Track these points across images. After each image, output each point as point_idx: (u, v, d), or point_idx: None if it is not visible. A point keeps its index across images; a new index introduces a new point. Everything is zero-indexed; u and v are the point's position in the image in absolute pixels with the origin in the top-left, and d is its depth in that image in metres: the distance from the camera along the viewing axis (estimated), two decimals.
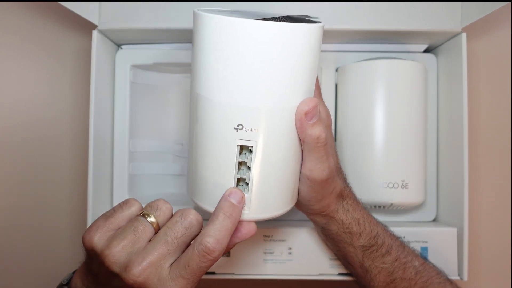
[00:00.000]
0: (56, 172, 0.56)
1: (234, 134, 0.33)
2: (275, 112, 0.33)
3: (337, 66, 0.53)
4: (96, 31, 0.47)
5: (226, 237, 0.32)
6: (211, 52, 0.33)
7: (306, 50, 0.33)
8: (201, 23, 0.33)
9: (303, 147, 0.36)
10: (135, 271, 0.31)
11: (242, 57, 0.32)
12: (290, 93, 0.33)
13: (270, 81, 0.32)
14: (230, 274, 0.47)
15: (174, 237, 0.32)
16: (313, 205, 0.39)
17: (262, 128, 0.33)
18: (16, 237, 0.55)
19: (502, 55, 0.58)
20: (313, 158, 0.36)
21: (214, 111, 0.34)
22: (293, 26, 0.32)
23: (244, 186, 0.35)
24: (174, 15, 0.46)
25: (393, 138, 0.48)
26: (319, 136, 0.35)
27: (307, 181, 0.37)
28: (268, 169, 0.35)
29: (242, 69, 0.32)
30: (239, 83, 0.32)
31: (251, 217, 0.36)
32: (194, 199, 0.38)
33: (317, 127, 0.34)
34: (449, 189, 0.51)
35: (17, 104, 0.55)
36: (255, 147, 0.34)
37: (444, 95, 0.52)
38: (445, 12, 0.47)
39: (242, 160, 0.34)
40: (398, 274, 0.42)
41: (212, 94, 0.33)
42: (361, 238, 0.41)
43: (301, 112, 0.34)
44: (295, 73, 0.33)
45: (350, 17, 0.47)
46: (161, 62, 0.51)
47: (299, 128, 0.34)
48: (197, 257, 0.32)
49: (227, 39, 0.31)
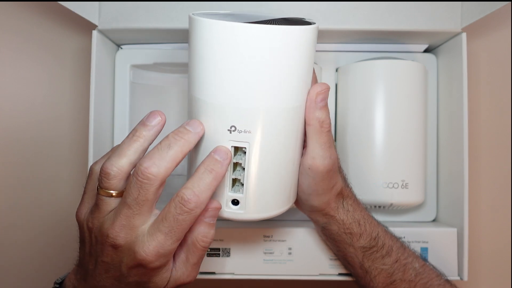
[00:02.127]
0: (56, 172, 0.56)
1: (227, 136, 0.34)
2: (268, 113, 0.33)
3: (337, 66, 0.53)
4: (96, 31, 0.47)
5: (205, 191, 0.32)
6: (204, 55, 0.33)
7: (299, 52, 0.33)
8: (195, 27, 0.33)
9: (307, 132, 0.36)
10: (110, 234, 0.32)
11: (235, 60, 0.32)
12: (283, 94, 0.34)
13: (263, 83, 0.32)
14: (230, 274, 0.47)
15: (132, 199, 0.32)
16: (313, 200, 0.39)
17: (255, 129, 0.33)
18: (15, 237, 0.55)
19: (502, 55, 0.58)
20: (316, 144, 0.36)
21: (208, 112, 0.34)
22: (285, 29, 0.32)
23: (239, 186, 0.36)
24: (174, 15, 0.47)
25: (393, 138, 0.48)
26: (324, 120, 0.36)
27: (308, 171, 0.37)
28: (263, 170, 0.35)
29: (234, 72, 0.32)
30: (232, 85, 0.33)
31: (246, 217, 0.36)
32: None
33: (324, 111, 0.36)
34: (449, 189, 0.51)
35: (17, 104, 0.55)
36: (249, 148, 0.34)
37: (444, 95, 0.52)
38: (445, 12, 0.47)
39: (237, 161, 0.35)
40: (398, 276, 0.42)
41: (206, 96, 0.34)
42: (362, 239, 0.41)
43: (313, 92, 0.35)
44: (288, 75, 0.33)
45: (350, 17, 0.47)
46: (161, 62, 0.51)
47: (308, 108, 0.36)
48: (173, 209, 0.31)
49: (219, 43, 0.32)
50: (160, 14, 0.47)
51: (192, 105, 0.36)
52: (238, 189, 0.36)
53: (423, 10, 0.47)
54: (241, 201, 0.36)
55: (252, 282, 0.53)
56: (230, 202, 0.36)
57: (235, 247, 0.47)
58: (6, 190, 0.55)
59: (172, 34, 0.49)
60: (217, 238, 0.47)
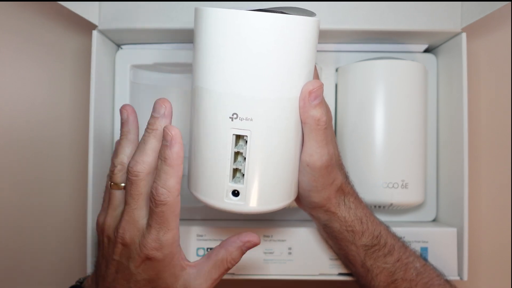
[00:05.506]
0: (56, 172, 0.56)
1: (229, 123, 0.34)
2: (270, 102, 0.34)
3: (337, 66, 0.53)
4: (96, 31, 0.47)
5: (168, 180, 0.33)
6: (208, 44, 0.33)
7: (302, 42, 0.33)
8: (200, 17, 0.34)
9: (304, 130, 0.36)
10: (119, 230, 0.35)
11: (238, 47, 0.32)
12: (285, 83, 0.34)
13: (265, 71, 0.33)
14: (230, 274, 0.47)
15: (128, 195, 0.35)
16: (314, 196, 0.39)
17: (257, 117, 0.34)
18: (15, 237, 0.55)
19: (502, 55, 0.58)
20: (313, 142, 0.36)
21: (210, 100, 0.34)
22: (290, 17, 0.32)
23: (240, 177, 0.35)
24: (174, 15, 0.47)
25: (393, 138, 0.48)
26: (320, 118, 0.35)
27: (307, 168, 0.37)
28: (264, 160, 0.35)
29: (237, 59, 0.33)
30: (235, 72, 0.33)
31: (247, 209, 0.36)
32: (192, 191, 0.38)
33: (319, 109, 0.35)
34: (449, 189, 0.51)
35: (17, 104, 0.55)
36: (250, 136, 0.34)
37: (444, 95, 0.52)
38: (445, 12, 0.47)
39: (238, 150, 0.35)
40: (400, 275, 0.42)
41: (208, 84, 0.34)
42: (364, 237, 0.41)
43: (306, 91, 0.34)
44: (290, 64, 0.33)
45: (350, 17, 0.47)
46: (161, 62, 0.51)
47: (301, 108, 0.35)
48: (151, 204, 0.34)
49: (223, 30, 0.32)
50: (160, 14, 0.47)
51: (194, 95, 0.36)
52: (239, 180, 0.35)
53: (423, 10, 0.47)
54: (242, 192, 0.35)
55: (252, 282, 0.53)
56: (231, 193, 0.36)
57: None
58: (6, 190, 0.54)
59: (172, 34, 0.49)
60: (216, 238, 0.47)
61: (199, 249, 0.47)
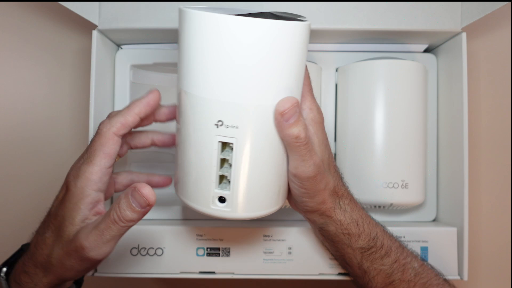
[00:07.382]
0: (56, 172, 0.56)
1: (214, 130, 0.33)
2: (256, 109, 0.33)
3: (337, 66, 0.53)
4: (96, 31, 0.47)
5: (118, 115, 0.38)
6: (193, 48, 0.32)
7: (288, 48, 0.32)
8: (184, 19, 0.33)
9: (286, 146, 0.36)
10: None
11: (223, 52, 0.31)
12: (271, 91, 0.33)
13: (251, 78, 0.32)
14: (230, 274, 0.47)
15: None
16: (307, 201, 0.39)
17: (243, 125, 0.33)
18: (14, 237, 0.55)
19: (502, 55, 0.58)
20: (296, 156, 0.36)
21: (196, 106, 0.33)
22: (276, 23, 0.31)
23: (227, 184, 0.35)
24: (174, 15, 0.47)
25: (393, 138, 0.48)
26: (297, 135, 0.34)
27: (294, 178, 0.37)
28: (250, 167, 0.34)
29: (222, 65, 0.31)
30: (220, 79, 0.32)
31: (233, 215, 0.35)
32: (179, 196, 0.38)
33: (295, 128, 0.34)
34: (449, 189, 0.51)
35: (17, 104, 0.55)
36: (236, 144, 0.33)
37: (444, 95, 0.52)
38: (445, 12, 0.47)
39: (225, 157, 0.34)
40: (397, 276, 0.42)
41: (193, 89, 0.33)
42: (360, 239, 0.41)
43: (277, 113, 0.34)
44: (276, 71, 0.32)
45: (350, 17, 0.47)
46: (161, 62, 0.51)
47: (277, 127, 0.34)
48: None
49: (208, 34, 0.31)
50: (160, 14, 0.47)
51: (180, 100, 0.35)
52: (225, 186, 0.35)
53: (423, 10, 0.47)
54: (228, 198, 0.35)
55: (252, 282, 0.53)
56: (217, 200, 0.35)
57: (234, 247, 0.47)
58: (5, 190, 0.55)
59: (172, 34, 0.49)
60: (216, 238, 0.47)
61: (199, 248, 0.47)
